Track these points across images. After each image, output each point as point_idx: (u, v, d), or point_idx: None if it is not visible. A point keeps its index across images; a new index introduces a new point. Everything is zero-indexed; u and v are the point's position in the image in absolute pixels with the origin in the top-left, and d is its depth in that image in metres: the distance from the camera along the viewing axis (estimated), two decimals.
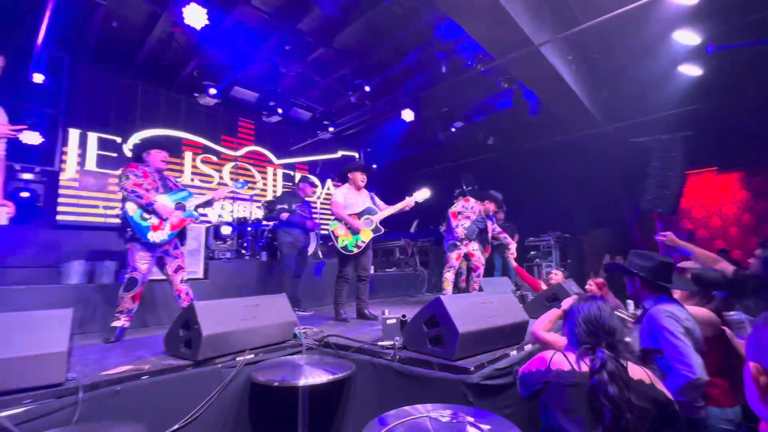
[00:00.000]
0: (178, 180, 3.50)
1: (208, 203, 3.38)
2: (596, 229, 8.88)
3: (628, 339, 1.72)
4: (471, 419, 1.14)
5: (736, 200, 7.71)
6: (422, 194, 4.06)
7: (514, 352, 2.31)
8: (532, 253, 8.12)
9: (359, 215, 3.87)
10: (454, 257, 4.47)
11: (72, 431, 1.59)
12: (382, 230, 3.96)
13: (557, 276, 3.89)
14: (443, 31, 4.50)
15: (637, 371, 1.25)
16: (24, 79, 4.61)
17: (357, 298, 3.98)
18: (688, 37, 4.76)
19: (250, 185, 3.73)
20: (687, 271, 2.31)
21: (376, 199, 4.06)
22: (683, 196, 7.59)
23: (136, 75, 5.79)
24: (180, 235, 3.27)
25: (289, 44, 4.63)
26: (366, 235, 3.85)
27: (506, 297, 2.52)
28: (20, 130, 2.11)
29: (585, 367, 1.26)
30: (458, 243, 4.46)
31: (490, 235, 4.74)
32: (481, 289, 4.25)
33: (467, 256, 4.54)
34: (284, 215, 4.49)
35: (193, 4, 3.72)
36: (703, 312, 1.91)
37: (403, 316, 2.56)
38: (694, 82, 5.73)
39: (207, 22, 3.99)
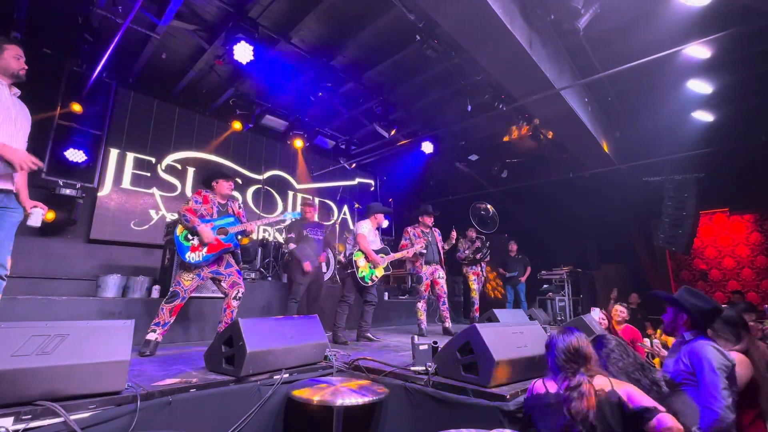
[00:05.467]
0: (241, 206, 3.71)
1: (250, 231, 3.57)
2: (607, 264, 8.92)
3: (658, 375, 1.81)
4: None
5: (750, 242, 7.77)
6: (420, 247, 4.68)
7: None
8: (545, 286, 8.14)
9: (375, 253, 4.30)
10: (422, 288, 4.83)
11: None
12: (391, 270, 4.55)
13: (623, 313, 3.86)
14: (470, 72, 4.82)
15: (602, 382, 1.49)
16: (76, 102, 4.95)
17: (363, 321, 4.30)
18: (700, 86, 5.04)
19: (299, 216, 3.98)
20: None
21: None
22: (696, 236, 7.67)
23: (175, 101, 6.16)
24: (233, 256, 3.51)
25: (324, 80, 4.95)
26: (380, 272, 4.32)
27: (535, 328, 2.61)
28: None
29: (554, 388, 1.57)
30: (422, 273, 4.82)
31: (441, 251, 4.97)
32: (472, 321, 4.44)
33: (432, 285, 4.84)
34: (291, 245, 4.54)
35: (243, 42, 4.06)
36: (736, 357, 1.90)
37: (435, 342, 2.65)
38: (707, 127, 5.95)
39: (252, 58, 4.32)
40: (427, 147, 6.88)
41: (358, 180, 9.19)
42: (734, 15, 3.57)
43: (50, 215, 4.68)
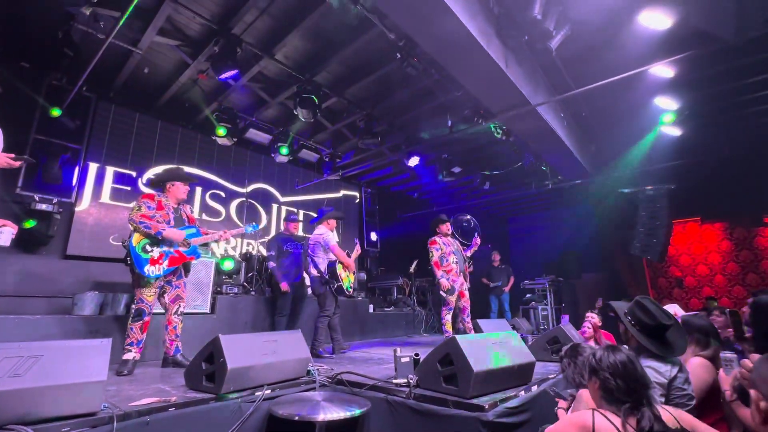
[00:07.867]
0: (192, 210, 3.57)
1: (215, 242, 3.52)
2: (588, 273, 9.15)
3: None
4: None
5: (721, 250, 8.09)
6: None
7: (522, 393, 2.43)
8: (528, 296, 8.28)
9: None
10: (453, 299, 4.56)
11: None
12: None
13: (593, 319, 3.94)
14: (450, 88, 4.97)
15: (665, 416, 1.28)
16: (54, 116, 4.89)
17: (336, 334, 4.27)
18: (667, 103, 5.32)
19: (260, 227, 3.78)
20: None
21: None
22: (671, 244, 7.95)
23: (157, 114, 6.12)
24: (184, 266, 3.35)
25: (306, 94, 5.02)
26: (352, 278, 4.28)
27: (514, 339, 2.67)
28: (23, 161, 2.36)
29: (618, 421, 1.25)
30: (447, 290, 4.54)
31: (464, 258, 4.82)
32: (477, 330, 4.41)
33: (458, 296, 4.62)
34: (271, 263, 4.54)
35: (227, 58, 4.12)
36: (698, 363, 1.97)
37: (416, 354, 2.68)
38: (676, 141, 6.26)
39: (235, 73, 4.36)
40: (413, 161, 6.99)
41: (342, 192, 9.24)
42: (692, 38, 3.82)
43: (29, 224, 4.58)
